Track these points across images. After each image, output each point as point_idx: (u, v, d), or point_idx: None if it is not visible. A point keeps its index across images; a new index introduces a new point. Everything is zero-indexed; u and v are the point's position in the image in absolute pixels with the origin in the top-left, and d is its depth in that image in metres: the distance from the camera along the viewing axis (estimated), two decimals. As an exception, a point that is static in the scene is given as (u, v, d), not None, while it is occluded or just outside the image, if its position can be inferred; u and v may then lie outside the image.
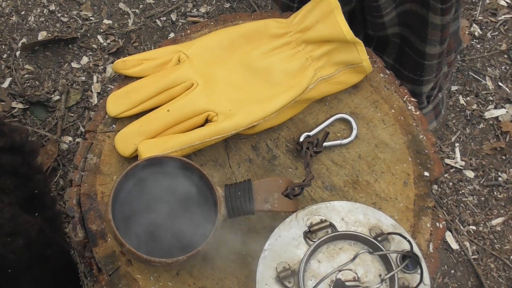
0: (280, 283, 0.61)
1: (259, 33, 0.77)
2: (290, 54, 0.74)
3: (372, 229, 0.64)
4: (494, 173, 1.44)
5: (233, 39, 0.77)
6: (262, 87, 0.74)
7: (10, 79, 1.46)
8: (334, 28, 0.72)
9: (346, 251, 0.63)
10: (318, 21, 0.74)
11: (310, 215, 0.65)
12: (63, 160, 1.35)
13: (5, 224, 0.73)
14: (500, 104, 1.53)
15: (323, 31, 0.73)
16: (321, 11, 0.74)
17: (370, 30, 1.00)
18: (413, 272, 0.62)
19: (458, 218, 1.39)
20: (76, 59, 1.50)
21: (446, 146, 1.47)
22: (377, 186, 0.72)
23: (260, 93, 0.73)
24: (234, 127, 0.70)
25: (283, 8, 0.98)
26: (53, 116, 1.41)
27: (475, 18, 1.66)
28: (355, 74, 0.76)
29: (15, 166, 0.82)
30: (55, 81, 1.46)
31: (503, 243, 1.36)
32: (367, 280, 0.61)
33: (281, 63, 0.74)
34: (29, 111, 1.42)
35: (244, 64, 0.74)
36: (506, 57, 1.60)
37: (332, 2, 0.73)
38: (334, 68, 0.74)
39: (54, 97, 1.43)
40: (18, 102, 1.42)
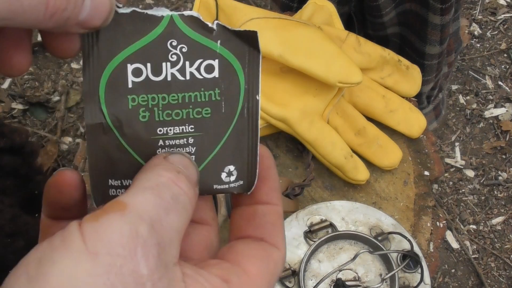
0: (280, 283, 0.61)
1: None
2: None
3: (372, 229, 0.64)
4: (494, 172, 1.44)
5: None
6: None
7: (10, 80, 1.46)
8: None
9: (347, 250, 0.63)
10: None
11: (310, 215, 0.65)
12: (63, 161, 1.35)
13: (6, 225, 0.73)
14: (500, 103, 1.53)
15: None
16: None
17: (370, 30, 1.00)
18: (413, 271, 0.62)
19: (459, 217, 1.39)
20: (75, 59, 1.50)
21: (446, 145, 1.47)
22: (377, 186, 0.72)
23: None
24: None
25: (283, 8, 0.98)
26: (53, 117, 1.41)
27: (475, 17, 1.66)
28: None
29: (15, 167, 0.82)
30: (55, 81, 1.46)
31: (503, 242, 1.36)
32: (368, 280, 0.61)
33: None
34: (29, 112, 1.42)
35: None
36: (505, 56, 1.60)
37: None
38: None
39: (54, 98, 1.43)
40: (18, 103, 1.43)
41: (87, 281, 0.21)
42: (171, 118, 0.27)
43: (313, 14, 0.76)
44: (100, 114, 0.26)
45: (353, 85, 0.67)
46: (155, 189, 0.24)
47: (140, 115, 0.26)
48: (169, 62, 0.26)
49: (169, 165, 0.26)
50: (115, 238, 0.22)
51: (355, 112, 0.73)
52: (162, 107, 0.26)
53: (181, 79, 0.26)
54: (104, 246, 0.22)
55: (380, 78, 0.76)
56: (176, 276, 0.24)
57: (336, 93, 0.71)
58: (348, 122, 0.72)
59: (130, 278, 0.22)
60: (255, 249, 0.29)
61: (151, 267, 0.23)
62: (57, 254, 0.22)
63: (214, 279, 0.26)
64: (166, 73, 0.26)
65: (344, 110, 0.72)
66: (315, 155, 0.70)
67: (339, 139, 0.70)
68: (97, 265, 0.22)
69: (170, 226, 0.24)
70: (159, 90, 0.26)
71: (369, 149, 0.72)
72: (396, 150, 0.72)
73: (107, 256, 0.22)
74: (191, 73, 0.26)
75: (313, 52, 0.67)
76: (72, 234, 0.23)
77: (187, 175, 0.26)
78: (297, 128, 0.68)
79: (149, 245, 0.23)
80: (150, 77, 0.26)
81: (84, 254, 0.22)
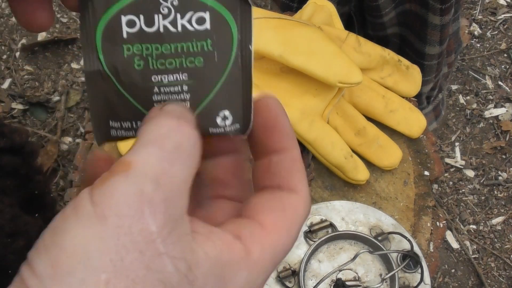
0: (280, 283, 0.61)
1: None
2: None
3: (372, 229, 0.64)
4: (494, 172, 1.44)
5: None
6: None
7: (10, 80, 1.46)
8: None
9: (347, 250, 0.63)
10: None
11: (310, 215, 0.65)
12: (63, 161, 1.35)
13: (6, 225, 0.73)
14: (500, 103, 1.53)
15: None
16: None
17: (370, 30, 1.00)
18: (413, 271, 0.62)
19: (459, 217, 1.39)
20: (75, 59, 1.50)
21: (446, 146, 1.47)
22: (377, 186, 0.72)
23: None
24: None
25: (283, 7, 0.98)
26: (53, 117, 1.41)
27: (475, 17, 1.66)
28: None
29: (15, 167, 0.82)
30: (55, 81, 1.46)
31: (503, 242, 1.36)
32: (368, 280, 0.61)
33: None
34: (29, 112, 1.42)
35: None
36: (505, 56, 1.60)
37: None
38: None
39: (54, 98, 1.43)
40: (18, 103, 1.43)
41: (98, 244, 0.22)
42: (164, 67, 0.28)
43: (313, 14, 0.76)
44: (98, 62, 0.27)
45: (353, 85, 0.67)
46: (157, 141, 0.25)
47: (135, 63, 0.27)
48: (161, 14, 0.26)
49: (167, 113, 0.26)
50: (121, 200, 0.23)
51: (355, 112, 0.73)
52: (155, 56, 0.27)
53: (173, 30, 0.27)
54: (111, 208, 0.23)
55: (380, 78, 0.76)
56: (184, 229, 0.24)
57: (336, 93, 0.71)
58: (348, 122, 0.72)
59: (140, 237, 0.22)
60: (270, 199, 0.28)
61: (159, 223, 0.23)
62: (69, 222, 0.23)
63: (226, 236, 0.26)
64: (158, 24, 0.27)
65: (344, 110, 0.72)
66: (315, 155, 0.70)
67: (339, 139, 0.70)
68: (106, 228, 0.22)
69: (175, 178, 0.24)
70: (152, 40, 0.27)
71: (369, 149, 0.72)
72: (396, 150, 0.72)
73: (115, 218, 0.22)
74: (182, 25, 0.27)
75: (313, 52, 0.67)
76: (82, 201, 0.23)
77: (186, 120, 0.26)
78: (297, 128, 0.68)
79: (156, 202, 0.23)
80: (143, 28, 0.27)
81: (93, 219, 0.23)
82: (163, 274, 0.23)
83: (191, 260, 0.24)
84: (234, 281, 0.25)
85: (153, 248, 0.23)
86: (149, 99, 0.28)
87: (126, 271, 0.22)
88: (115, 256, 0.22)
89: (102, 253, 0.22)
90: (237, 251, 0.25)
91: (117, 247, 0.22)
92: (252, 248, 0.26)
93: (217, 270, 0.24)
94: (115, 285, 0.22)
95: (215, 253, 0.24)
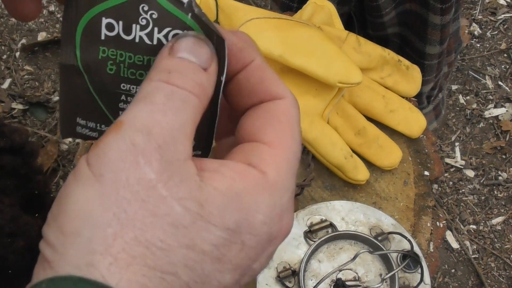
0: (280, 283, 0.61)
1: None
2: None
3: (372, 229, 0.64)
4: (494, 172, 1.44)
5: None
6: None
7: (10, 80, 1.46)
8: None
9: (347, 250, 0.63)
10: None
11: (310, 215, 0.65)
12: (63, 161, 1.36)
13: (6, 225, 0.73)
14: (500, 103, 1.53)
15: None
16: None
17: (370, 30, 1.00)
18: (413, 271, 0.62)
19: (459, 217, 1.39)
20: (75, 59, 1.50)
21: (446, 146, 1.47)
22: (377, 186, 0.72)
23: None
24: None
25: (283, 8, 0.98)
26: (53, 117, 1.41)
27: (475, 17, 1.66)
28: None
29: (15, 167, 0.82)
30: (55, 81, 1.46)
31: (503, 242, 1.36)
32: (368, 280, 0.61)
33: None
34: (29, 112, 1.42)
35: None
36: (505, 56, 1.60)
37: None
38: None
39: (54, 98, 1.43)
40: (18, 103, 1.43)
41: (99, 202, 0.23)
42: (135, 77, 0.28)
43: (313, 14, 0.76)
44: (74, 57, 0.28)
45: (353, 85, 0.67)
46: (146, 97, 0.25)
47: (107, 67, 0.27)
48: (139, 25, 0.26)
49: (157, 69, 0.26)
50: (115, 155, 0.23)
51: (355, 112, 0.73)
52: (127, 65, 0.27)
53: (148, 43, 0.27)
54: (106, 166, 0.23)
55: (380, 78, 0.76)
56: (188, 171, 0.24)
57: (336, 93, 0.71)
58: (348, 122, 0.72)
59: (139, 186, 0.23)
60: (260, 116, 0.27)
61: (156, 169, 0.23)
62: (69, 188, 0.24)
63: (237, 165, 0.25)
64: (135, 34, 0.27)
65: (344, 110, 0.72)
66: (315, 155, 0.70)
67: (339, 139, 0.70)
68: (104, 185, 0.23)
69: (170, 126, 0.24)
70: (127, 48, 0.27)
71: (369, 149, 0.72)
72: (396, 150, 0.72)
73: (111, 174, 0.23)
74: (158, 39, 0.27)
75: (313, 52, 0.67)
76: (80, 166, 0.24)
77: (187, 66, 0.26)
78: None
79: (149, 151, 0.23)
80: (120, 34, 0.27)
81: (91, 179, 0.23)
82: (171, 216, 0.23)
83: (200, 197, 0.23)
84: (256, 208, 0.25)
85: (155, 193, 0.23)
86: (116, 106, 0.28)
87: (131, 222, 0.22)
88: (118, 209, 0.22)
89: (104, 209, 0.22)
90: (251, 177, 0.25)
91: (117, 201, 0.22)
92: (266, 170, 0.26)
93: (233, 201, 0.24)
94: (123, 236, 0.22)
95: (227, 185, 0.24)
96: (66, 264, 0.22)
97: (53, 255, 0.23)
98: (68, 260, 0.22)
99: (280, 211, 0.26)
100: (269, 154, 0.26)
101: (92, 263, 0.22)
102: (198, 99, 0.25)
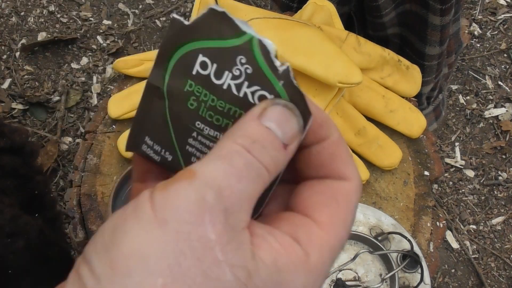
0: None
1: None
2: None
3: (372, 229, 0.64)
4: (494, 172, 1.44)
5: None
6: None
7: (10, 80, 1.46)
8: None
9: (347, 250, 0.63)
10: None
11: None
12: (63, 161, 1.35)
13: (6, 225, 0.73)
14: (500, 103, 1.53)
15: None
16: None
17: (370, 30, 1.00)
18: (413, 271, 0.62)
19: (458, 217, 1.39)
20: (75, 59, 1.50)
21: (446, 146, 1.47)
22: (377, 186, 0.72)
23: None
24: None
25: (283, 8, 0.98)
26: (53, 117, 1.41)
27: (475, 17, 1.66)
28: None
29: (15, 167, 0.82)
30: (55, 81, 1.46)
31: (503, 242, 1.36)
32: (368, 280, 0.61)
33: None
34: (29, 112, 1.42)
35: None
36: (505, 56, 1.60)
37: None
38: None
39: (54, 98, 1.43)
40: (18, 103, 1.43)
41: (157, 248, 0.22)
42: (211, 120, 0.28)
43: (313, 14, 0.76)
44: (162, 80, 0.28)
45: (353, 85, 0.67)
46: (227, 157, 0.24)
47: (189, 101, 0.28)
48: (231, 74, 0.27)
49: (244, 133, 0.25)
50: (183, 206, 0.23)
51: (355, 112, 0.73)
52: (208, 106, 0.27)
53: (234, 93, 0.27)
54: (172, 213, 0.23)
55: (380, 78, 0.76)
56: (244, 239, 0.24)
57: (336, 93, 0.71)
58: (348, 122, 0.72)
59: (198, 244, 0.22)
60: (320, 191, 0.27)
61: (218, 232, 0.23)
62: (129, 223, 0.23)
63: (284, 238, 0.25)
64: (225, 80, 0.27)
65: (344, 110, 0.72)
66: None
67: (339, 139, 0.70)
68: (166, 233, 0.22)
69: (240, 193, 0.24)
70: (213, 90, 0.27)
71: (369, 149, 0.72)
72: (396, 150, 0.72)
73: (175, 223, 0.22)
74: (245, 93, 0.27)
75: (313, 52, 0.67)
76: (143, 203, 0.23)
77: (270, 140, 0.25)
78: None
79: (216, 211, 0.23)
80: (211, 76, 0.27)
81: (153, 223, 0.23)
82: (221, 282, 0.23)
83: (251, 267, 0.23)
84: (293, 285, 0.25)
85: (211, 255, 0.23)
86: (185, 139, 0.28)
87: (183, 277, 0.22)
88: (173, 261, 0.22)
89: (160, 257, 0.22)
90: (295, 255, 0.25)
91: (175, 252, 0.22)
92: (310, 251, 0.25)
93: (275, 276, 0.24)
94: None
95: (272, 258, 0.24)
96: None
97: (95, 285, 0.22)
98: None
99: None
100: (317, 236, 0.26)
101: None
102: (270, 175, 0.25)
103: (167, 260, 0.22)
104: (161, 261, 0.22)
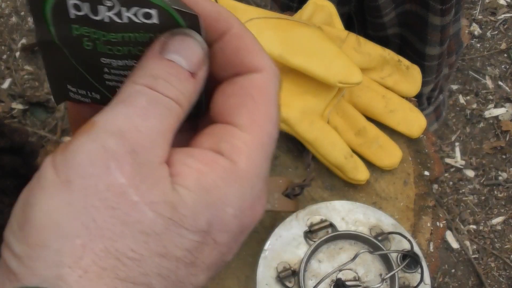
0: (280, 283, 0.61)
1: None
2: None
3: (372, 229, 0.64)
4: (494, 172, 1.44)
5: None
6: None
7: (10, 80, 1.46)
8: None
9: (347, 250, 0.63)
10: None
11: (310, 215, 0.65)
12: (63, 161, 1.36)
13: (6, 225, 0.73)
14: (500, 103, 1.53)
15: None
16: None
17: (370, 30, 1.00)
18: (413, 271, 0.62)
19: (459, 217, 1.39)
20: (76, 59, 1.50)
21: (446, 146, 1.47)
22: (377, 186, 0.72)
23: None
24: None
25: (283, 7, 0.98)
26: (53, 117, 1.41)
27: (475, 17, 1.66)
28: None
29: (15, 167, 0.82)
30: (55, 81, 1.46)
31: (503, 242, 1.36)
32: (368, 280, 0.61)
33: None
34: (29, 112, 1.42)
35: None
36: (505, 56, 1.60)
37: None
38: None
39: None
40: (18, 103, 1.43)
41: (66, 211, 0.21)
42: (112, 52, 0.27)
43: (313, 14, 0.76)
44: (49, 34, 0.27)
45: (353, 85, 0.67)
46: (127, 100, 0.23)
47: (84, 43, 0.27)
48: (105, 7, 0.26)
49: (145, 72, 0.24)
50: (84, 160, 0.22)
51: (355, 112, 0.73)
52: (103, 42, 0.27)
53: (118, 21, 0.26)
54: (74, 171, 0.22)
55: (380, 78, 0.76)
56: (162, 173, 0.22)
57: (336, 93, 0.71)
58: (348, 122, 0.72)
59: (109, 193, 0.21)
60: (234, 92, 0.25)
61: (128, 174, 0.22)
62: (35, 195, 0.22)
63: (205, 154, 0.24)
64: (103, 15, 0.26)
65: (344, 110, 0.72)
66: (315, 155, 0.70)
67: (339, 139, 0.70)
68: (72, 192, 0.21)
69: (149, 130, 0.23)
70: (98, 27, 0.26)
71: (369, 149, 0.72)
72: (396, 150, 0.72)
73: (80, 180, 0.21)
74: (128, 17, 0.26)
75: (313, 52, 0.67)
76: (45, 170, 0.22)
77: (174, 72, 0.24)
78: (297, 128, 0.68)
79: (121, 155, 0.22)
80: (89, 15, 0.26)
81: (57, 186, 0.22)
82: (143, 223, 0.21)
83: (174, 199, 0.22)
84: (226, 201, 0.23)
85: (125, 200, 0.21)
86: (101, 76, 0.28)
87: (101, 231, 0.21)
88: (86, 218, 0.21)
89: (71, 218, 0.21)
90: (220, 168, 0.23)
91: (86, 208, 0.21)
92: (236, 158, 0.24)
93: (204, 197, 0.23)
94: (92, 248, 0.21)
95: (194, 180, 0.23)
96: (34, 277, 0.21)
97: (19, 267, 0.21)
98: (36, 273, 0.21)
99: (252, 201, 0.24)
100: (241, 140, 0.24)
101: (61, 277, 0.20)
102: (181, 107, 0.24)
103: (79, 219, 0.21)
104: (74, 221, 0.21)
